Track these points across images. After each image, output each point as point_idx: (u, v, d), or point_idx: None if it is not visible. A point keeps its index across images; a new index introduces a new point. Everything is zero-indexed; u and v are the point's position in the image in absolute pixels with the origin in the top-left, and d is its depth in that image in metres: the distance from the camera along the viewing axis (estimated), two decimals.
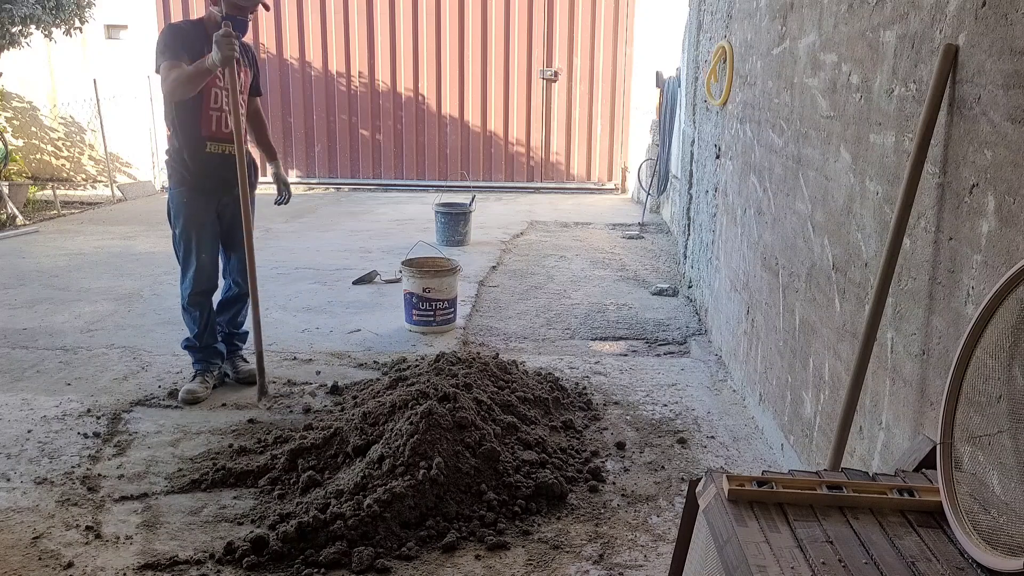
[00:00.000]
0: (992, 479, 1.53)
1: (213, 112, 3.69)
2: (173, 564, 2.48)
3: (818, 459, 2.72)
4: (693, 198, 5.81)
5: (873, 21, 2.35)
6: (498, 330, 4.99)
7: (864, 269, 2.39)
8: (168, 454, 3.24)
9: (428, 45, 10.89)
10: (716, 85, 4.73)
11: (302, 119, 11.11)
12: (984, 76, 1.74)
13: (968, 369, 1.52)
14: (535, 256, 7.12)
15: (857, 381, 2.17)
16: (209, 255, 3.85)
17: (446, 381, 3.26)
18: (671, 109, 8.15)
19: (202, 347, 3.92)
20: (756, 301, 3.67)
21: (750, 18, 3.96)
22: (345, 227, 8.42)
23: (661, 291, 5.87)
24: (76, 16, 9.18)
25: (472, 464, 2.84)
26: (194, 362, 3.95)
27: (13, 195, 8.83)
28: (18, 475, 3.04)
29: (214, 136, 3.72)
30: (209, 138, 3.71)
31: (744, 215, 3.98)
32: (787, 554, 1.38)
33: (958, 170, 1.85)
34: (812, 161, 2.90)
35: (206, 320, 3.91)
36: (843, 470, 1.71)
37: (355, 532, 2.55)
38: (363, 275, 6.09)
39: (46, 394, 3.83)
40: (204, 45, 3.61)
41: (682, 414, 3.71)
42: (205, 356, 3.93)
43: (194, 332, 3.91)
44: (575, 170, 11.27)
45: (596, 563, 2.53)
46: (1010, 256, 1.61)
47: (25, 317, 5.08)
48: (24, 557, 2.52)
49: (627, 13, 10.74)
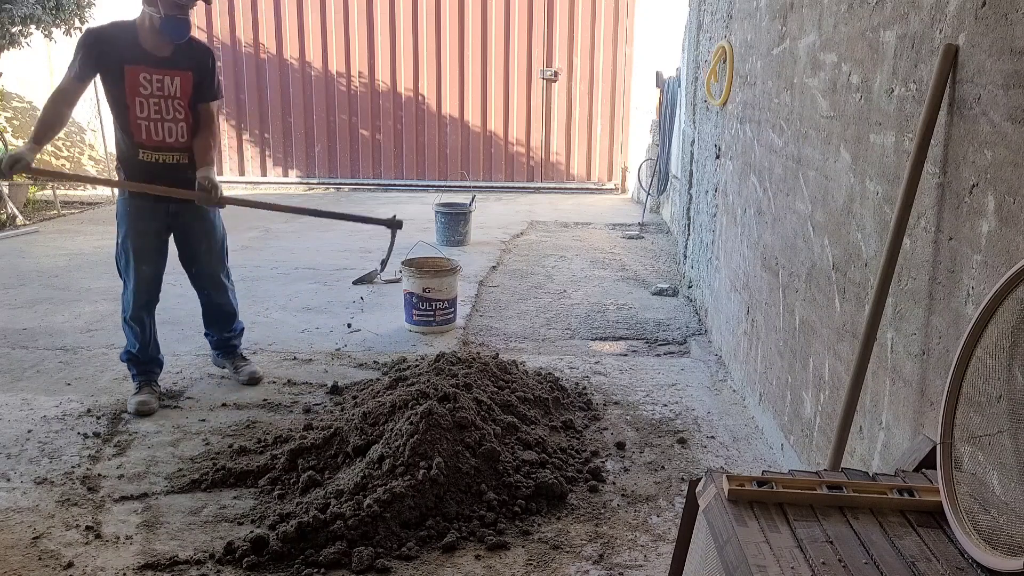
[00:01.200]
0: (992, 479, 1.53)
1: (141, 121, 3.49)
2: (173, 564, 2.48)
3: (818, 459, 2.72)
4: (693, 198, 5.81)
5: (873, 21, 2.35)
6: (498, 330, 4.99)
7: (864, 269, 2.39)
8: (168, 454, 3.24)
9: (428, 45, 10.89)
10: (716, 85, 4.73)
11: (302, 119, 11.11)
12: (984, 76, 1.74)
13: (968, 369, 1.52)
14: (535, 256, 7.12)
15: (857, 381, 2.17)
16: (152, 268, 3.66)
17: (446, 381, 3.26)
18: (671, 109, 8.14)
19: (144, 360, 3.75)
20: (756, 301, 3.67)
21: (750, 18, 3.96)
22: (345, 227, 8.40)
23: (661, 291, 5.87)
24: (76, 16, 9.18)
25: (472, 464, 2.84)
26: (134, 375, 3.76)
27: (13, 195, 8.82)
28: (18, 475, 3.04)
29: (145, 144, 3.52)
30: (140, 145, 3.52)
31: (744, 215, 3.98)
32: (787, 554, 1.38)
33: (958, 170, 1.85)
34: (812, 161, 2.90)
35: (148, 335, 3.74)
36: (843, 470, 1.71)
37: (355, 532, 2.55)
38: (363, 275, 6.09)
39: (46, 394, 3.83)
40: (129, 52, 3.43)
41: (682, 414, 3.71)
42: (147, 368, 3.76)
43: (135, 347, 3.73)
44: (575, 170, 11.27)
45: (596, 563, 2.53)
46: (1010, 256, 1.61)
47: (25, 317, 5.08)
48: (24, 557, 2.52)
49: (627, 13, 10.73)
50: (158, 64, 3.50)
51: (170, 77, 3.52)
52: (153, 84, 3.47)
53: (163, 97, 3.50)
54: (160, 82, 3.49)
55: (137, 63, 3.46)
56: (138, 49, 3.46)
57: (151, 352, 3.78)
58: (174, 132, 3.56)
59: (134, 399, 3.65)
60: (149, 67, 3.48)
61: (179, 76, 3.54)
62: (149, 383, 3.75)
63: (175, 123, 3.55)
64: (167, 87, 3.51)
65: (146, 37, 3.47)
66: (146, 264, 3.64)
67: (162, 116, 3.52)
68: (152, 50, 3.49)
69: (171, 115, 3.54)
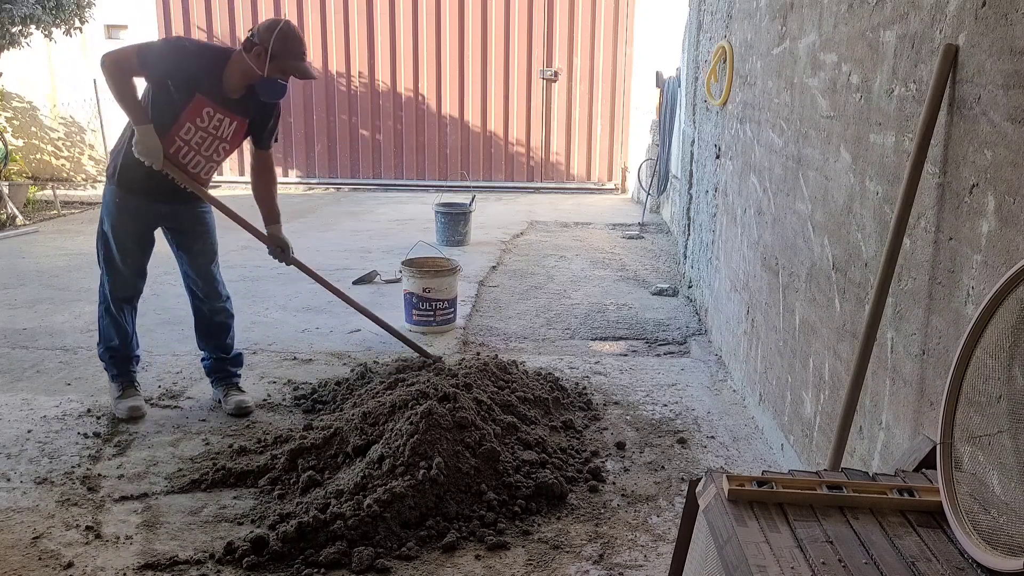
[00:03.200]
0: (992, 479, 1.53)
1: (180, 141, 3.36)
2: (173, 564, 2.48)
3: (818, 459, 2.72)
4: (693, 198, 5.81)
5: (873, 21, 2.35)
6: (498, 330, 4.99)
7: (864, 269, 2.39)
8: (168, 454, 3.24)
9: (428, 45, 10.89)
10: (716, 85, 4.73)
11: (302, 119, 11.11)
12: (984, 76, 1.74)
13: (968, 369, 1.52)
14: (535, 256, 7.12)
15: (857, 381, 2.17)
16: (134, 264, 3.51)
17: (446, 381, 3.26)
18: (671, 109, 8.14)
19: (124, 356, 3.62)
20: (756, 301, 3.67)
21: (750, 18, 3.96)
22: (345, 227, 8.42)
23: (661, 291, 5.87)
24: (76, 16, 9.18)
25: (472, 464, 2.84)
26: (114, 375, 3.61)
27: (13, 195, 8.82)
28: (18, 475, 3.04)
29: (168, 158, 3.34)
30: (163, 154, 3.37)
31: (744, 215, 3.98)
32: (787, 554, 1.38)
33: (958, 170, 1.85)
34: (812, 161, 2.90)
35: (132, 326, 3.61)
36: (843, 470, 1.71)
37: (355, 532, 2.55)
38: (363, 275, 6.09)
39: (46, 394, 3.83)
40: (208, 82, 3.30)
41: (682, 414, 3.71)
42: (127, 366, 3.64)
43: (114, 340, 3.58)
44: (575, 170, 11.27)
45: (596, 563, 2.53)
46: (1010, 256, 1.61)
47: (25, 317, 5.08)
48: (24, 557, 2.52)
49: (627, 13, 10.73)
50: (227, 105, 3.38)
51: (230, 120, 3.41)
52: (212, 120, 3.36)
53: (213, 136, 3.40)
54: (219, 122, 3.38)
55: (209, 96, 3.33)
56: (217, 84, 3.33)
57: (132, 347, 3.64)
58: (200, 167, 3.44)
59: (123, 404, 3.54)
60: (217, 105, 3.36)
61: (238, 122, 3.44)
62: (132, 383, 3.63)
63: (208, 161, 3.44)
64: (223, 128, 3.41)
65: (231, 78, 3.34)
66: (129, 259, 3.49)
67: (200, 150, 3.40)
68: (228, 90, 3.36)
69: (208, 152, 3.43)
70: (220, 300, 3.69)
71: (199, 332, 3.75)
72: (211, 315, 3.69)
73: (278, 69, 3.32)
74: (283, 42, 3.29)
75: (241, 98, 3.40)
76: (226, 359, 3.76)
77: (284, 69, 3.33)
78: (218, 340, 3.74)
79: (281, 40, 3.29)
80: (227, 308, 3.73)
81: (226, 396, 3.67)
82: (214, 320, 3.70)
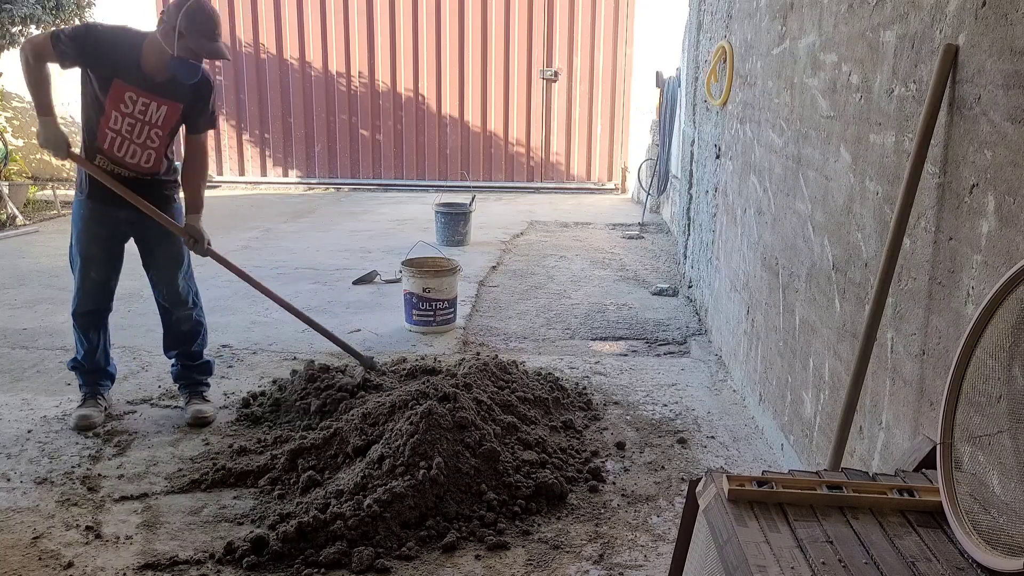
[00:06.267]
0: (992, 479, 1.53)
1: (110, 132, 3.28)
2: (173, 564, 2.48)
3: (818, 459, 2.72)
4: (693, 198, 5.81)
5: (873, 21, 2.35)
6: (498, 330, 4.99)
7: (864, 269, 2.39)
8: (168, 454, 3.24)
9: (428, 45, 10.89)
10: (716, 85, 4.73)
11: (302, 119, 11.11)
12: (984, 76, 1.74)
13: (968, 369, 1.52)
14: (535, 256, 7.12)
15: (857, 381, 2.17)
16: (100, 275, 3.44)
17: (446, 381, 3.26)
18: (671, 109, 8.14)
19: (89, 370, 3.55)
20: (756, 301, 3.67)
21: (750, 18, 3.96)
22: (345, 227, 8.42)
23: (661, 291, 5.87)
24: (76, 16, 9.18)
25: (472, 464, 2.84)
26: (81, 384, 3.58)
27: (13, 195, 8.82)
28: (18, 475, 3.04)
29: (105, 153, 3.31)
30: (99, 151, 3.32)
31: (744, 215, 3.98)
32: (787, 554, 1.38)
33: (958, 170, 1.85)
34: (812, 161, 2.90)
35: (96, 343, 3.53)
36: (843, 470, 1.71)
37: (355, 532, 2.55)
38: (363, 275, 6.09)
39: (46, 394, 3.83)
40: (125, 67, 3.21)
41: (682, 414, 3.71)
42: (94, 379, 3.57)
43: (80, 353, 3.53)
44: (575, 170, 11.27)
45: (596, 563, 2.53)
46: (1010, 256, 1.61)
47: (25, 317, 5.08)
48: (24, 557, 2.52)
49: (627, 13, 10.74)
50: (150, 89, 3.28)
51: (157, 104, 3.30)
52: (137, 106, 3.26)
53: (142, 121, 3.29)
54: (145, 106, 3.28)
55: (129, 82, 3.25)
56: (135, 68, 3.24)
57: (98, 362, 3.56)
58: (138, 155, 3.33)
59: (76, 412, 3.49)
60: (139, 89, 3.26)
61: (167, 106, 3.32)
62: (94, 395, 3.55)
63: (143, 148, 3.33)
64: (150, 114, 3.30)
65: (148, 60, 3.25)
66: (95, 270, 3.42)
67: (132, 138, 3.30)
68: (149, 73, 3.26)
69: (142, 139, 3.31)
70: (186, 308, 3.60)
71: (165, 338, 3.70)
72: (177, 323, 3.63)
73: (186, 48, 3.17)
74: (190, 20, 3.14)
75: (167, 81, 3.28)
76: (192, 367, 3.70)
77: (192, 48, 3.18)
78: (184, 347, 3.67)
79: (188, 18, 3.14)
80: (193, 316, 3.64)
81: (187, 404, 3.62)
82: (180, 328, 3.63)
